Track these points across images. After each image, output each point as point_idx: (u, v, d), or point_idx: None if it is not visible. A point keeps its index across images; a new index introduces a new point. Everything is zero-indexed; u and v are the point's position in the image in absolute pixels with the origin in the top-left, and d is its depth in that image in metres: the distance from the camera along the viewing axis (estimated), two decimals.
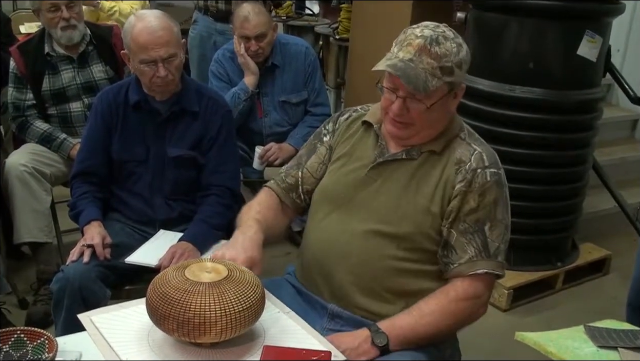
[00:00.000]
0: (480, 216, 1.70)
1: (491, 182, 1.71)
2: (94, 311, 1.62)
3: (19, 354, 1.40)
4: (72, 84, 3.15)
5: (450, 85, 1.69)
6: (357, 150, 1.85)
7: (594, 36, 3.14)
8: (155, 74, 2.33)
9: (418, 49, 1.65)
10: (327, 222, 1.81)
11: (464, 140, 1.78)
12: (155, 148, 2.47)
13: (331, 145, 1.93)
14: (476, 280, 1.69)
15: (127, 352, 1.45)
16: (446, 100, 1.72)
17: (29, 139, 3.16)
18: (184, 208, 2.52)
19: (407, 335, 1.64)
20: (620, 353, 1.49)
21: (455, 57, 1.67)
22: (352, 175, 1.81)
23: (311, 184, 1.93)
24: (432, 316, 1.65)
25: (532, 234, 3.37)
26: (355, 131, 1.88)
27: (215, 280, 1.46)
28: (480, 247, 1.69)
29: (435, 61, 1.64)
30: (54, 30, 3.08)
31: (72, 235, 3.18)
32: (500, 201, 1.72)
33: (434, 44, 1.65)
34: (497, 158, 1.78)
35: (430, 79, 1.64)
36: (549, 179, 3.30)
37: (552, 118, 3.20)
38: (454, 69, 1.67)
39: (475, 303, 1.70)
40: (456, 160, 1.73)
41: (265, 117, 3.37)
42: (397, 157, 1.77)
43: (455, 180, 1.71)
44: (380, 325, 1.65)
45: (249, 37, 3.20)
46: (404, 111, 1.69)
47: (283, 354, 1.36)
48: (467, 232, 1.69)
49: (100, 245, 2.28)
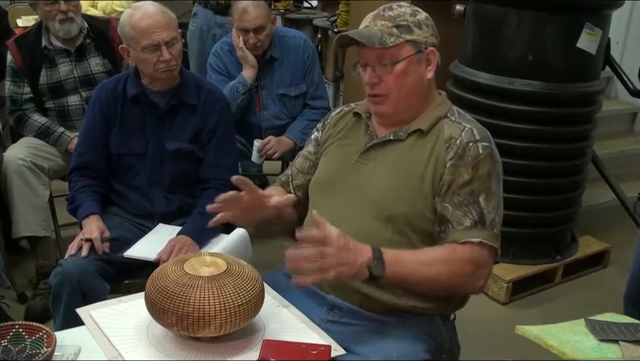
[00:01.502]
0: (474, 187, 1.69)
1: (484, 154, 1.71)
2: (93, 305, 1.61)
3: (17, 348, 1.39)
4: (70, 78, 3.14)
5: (414, 45, 1.72)
6: (349, 138, 1.89)
7: (593, 29, 3.13)
8: (160, 58, 2.33)
9: (372, 17, 1.74)
10: (322, 209, 1.78)
11: (453, 121, 1.79)
12: (153, 142, 2.46)
13: (319, 140, 1.98)
14: (481, 248, 1.66)
15: (126, 347, 1.45)
16: (415, 64, 1.73)
17: (27, 133, 3.15)
18: (182, 201, 2.52)
19: (402, 273, 1.61)
20: (621, 347, 1.49)
21: (411, 17, 1.73)
22: (344, 161, 1.84)
23: (300, 179, 1.99)
24: (434, 265, 1.63)
25: (531, 227, 3.37)
26: (347, 122, 1.92)
27: (215, 274, 1.46)
28: (477, 217, 1.68)
29: (389, 22, 1.71)
30: (51, 23, 3.07)
31: (71, 229, 3.17)
32: (493, 173, 1.72)
33: (387, 9, 1.73)
34: (489, 134, 1.78)
35: (387, 36, 1.69)
36: (548, 172, 3.29)
37: (552, 111, 3.19)
38: (412, 28, 1.72)
39: (477, 272, 1.67)
40: (446, 139, 1.74)
41: (263, 110, 3.36)
42: (386, 138, 1.79)
43: (446, 157, 1.71)
44: (385, 253, 1.58)
45: (247, 30, 3.19)
46: (375, 79, 1.74)
47: (283, 348, 1.36)
48: (462, 204, 1.68)
49: (98, 239, 2.28)
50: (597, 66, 3.32)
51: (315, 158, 1.98)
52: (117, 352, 1.43)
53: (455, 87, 3.41)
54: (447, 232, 1.69)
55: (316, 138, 2.00)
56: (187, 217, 2.44)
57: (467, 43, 3.37)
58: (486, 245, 1.67)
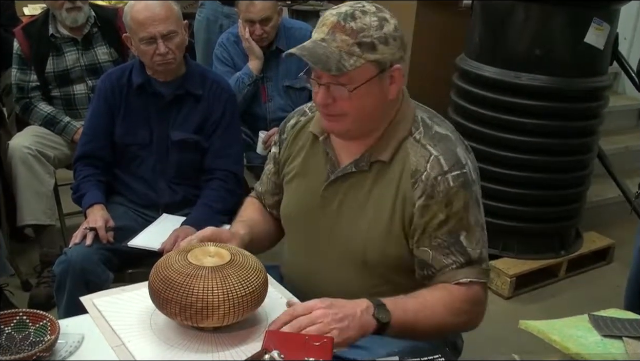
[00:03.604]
0: (452, 227, 1.55)
1: (455, 186, 1.54)
2: (96, 294, 1.61)
3: (21, 336, 1.39)
4: (76, 66, 3.14)
5: (378, 64, 1.50)
6: (309, 166, 1.72)
7: (601, 23, 3.11)
8: (156, 51, 2.32)
9: (331, 27, 1.48)
10: (297, 248, 1.76)
11: (418, 141, 1.59)
12: (158, 132, 2.46)
13: (278, 160, 1.82)
14: (473, 286, 1.57)
15: (129, 335, 1.45)
16: (378, 84, 1.52)
17: (33, 121, 3.16)
18: (187, 192, 2.52)
19: (407, 321, 1.48)
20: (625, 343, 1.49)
21: (377, 32, 1.47)
22: (309, 197, 1.70)
23: (269, 199, 1.89)
24: (435, 309, 1.52)
25: (535, 222, 3.37)
26: (304, 143, 1.74)
27: (218, 264, 1.45)
28: (462, 259, 1.56)
29: (350, 37, 1.46)
30: (58, 11, 3.07)
31: (75, 218, 3.18)
32: (470, 203, 1.56)
33: (349, 19, 1.47)
34: (460, 153, 1.58)
35: (347, 57, 1.46)
36: (553, 167, 3.28)
37: (558, 106, 3.18)
38: (377, 45, 1.48)
39: (475, 309, 1.60)
40: (412, 172, 1.56)
41: (269, 101, 3.36)
42: (347, 170, 1.63)
43: (414, 195, 1.55)
44: (383, 300, 1.47)
45: (253, 21, 3.18)
46: (329, 100, 1.52)
47: (285, 339, 1.36)
48: (442, 246, 1.56)
49: (103, 228, 2.28)
50: (604, 61, 3.30)
51: (277, 178, 1.84)
52: (121, 340, 1.43)
53: (461, 80, 3.40)
54: (431, 277, 1.59)
55: (274, 156, 1.84)
56: (192, 207, 2.44)
57: (473, 36, 3.36)
58: (477, 284, 1.58)
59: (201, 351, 1.41)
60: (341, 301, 1.42)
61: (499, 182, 3.23)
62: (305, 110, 1.80)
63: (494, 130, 3.20)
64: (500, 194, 3.25)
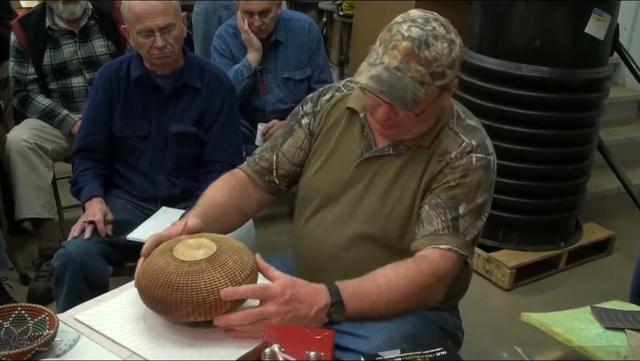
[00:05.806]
0: (457, 193, 1.59)
1: (477, 165, 1.61)
2: (74, 309, 1.52)
3: (19, 330, 1.39)
4: (74, 59, 3.13)
5: (441, 87, 1.55)
6: (343, 141, 1.74)
7: (602, 14, 3.09)
8: (153, 44, 2.31)
9: (405, 54, 1.49)
10: (314, 221, 1.74)
11: (452, 129, 1.66)
12: (157, 124, 2.45)
13: (312, 130, 1.80)
14: (449, 257, 1.55)
15: (137, 343, 1.39)
16: (438, 100, 1.58)
17: (31, 114, 3.14)
18: (186, 185, 2.51)
19: (364, 308, 1.47)
20: (627, 335, 1.48)
21: (447, 59, 1.52)
22: (339, 171, 1.72)
23: (287, 169, 1.81)
24: (398, 288, 1.50)
25: (535, 214, 3.36)
26: (340, 117, 1.76)
27: (210, 254, 1.43)
28: (449, 222, 1.57)
29: (424, 68, 1.49)
30: (55, 4, 3.05)
31: (74, 212, 3.17)
32: (484, 185, 1.62)
33: (423, 47, 1.49)
34: (488, 143, 1.67)
35: (419, 87, 1.50)
36: (553, 158, 3.27)
37: (558, 97, 3.17)
38: (446, 71, 1.53)
39: (442, 282, 1.57)
40: (441, 152, 1.63)
41: (268, 94, 3.34)
42: (384, 152, 1.67)
43: (437, 170, 1.62)
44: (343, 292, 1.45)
45: (252, 12, 3.16)
46: (392, 115, 1.56)
47: (286, 333, 1.35)
48: (438, 205, 1.59)
49: (101, 222, 2.28)
50: (605, 52, 3.29)
51: (309, 149, 1.81)
52: (129, 350, 1.38)
53: (462, 72, 3.38)
54: (416, 232, 1.61)
55: (308, 126, 1.80)
56: (191, 200, 2.43)
57: (474, 28, 3.34)
58: (455, 254, 1.57)
59: (202, 347, 1.39)
60: (303, 292, 1.42)
61: (499, 173, 3.14)
62: (339, 87, 1.82)
63: (494, 121, 3.19)
64: (500, 185, 3.19)
